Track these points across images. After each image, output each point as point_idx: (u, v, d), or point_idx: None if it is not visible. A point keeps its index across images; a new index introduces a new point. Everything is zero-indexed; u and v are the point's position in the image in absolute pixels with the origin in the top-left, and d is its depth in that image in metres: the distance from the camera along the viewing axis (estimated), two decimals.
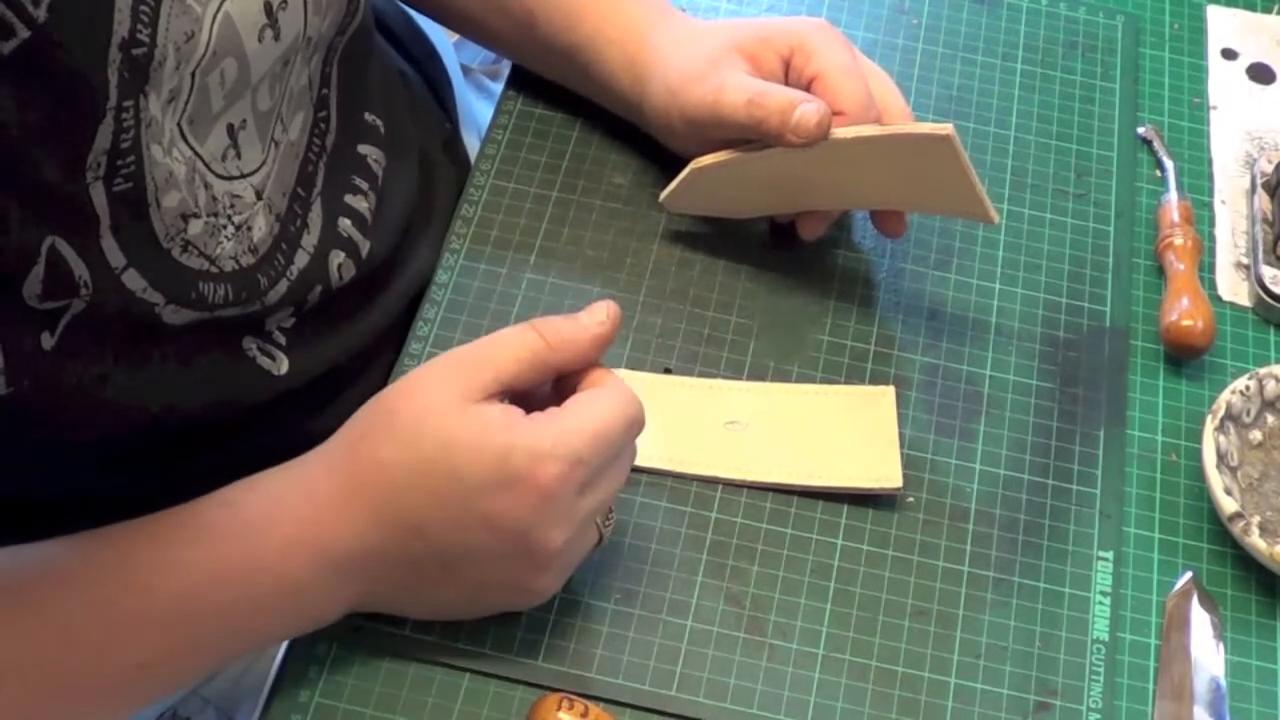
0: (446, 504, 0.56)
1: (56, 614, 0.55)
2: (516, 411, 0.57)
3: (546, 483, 0.55)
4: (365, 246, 0.69)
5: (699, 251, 0.76)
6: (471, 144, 0.90)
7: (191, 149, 0.57)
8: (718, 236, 0.76)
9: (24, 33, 0.46)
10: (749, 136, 0.69)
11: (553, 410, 0.57)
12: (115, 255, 0.53)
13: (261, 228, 0.62)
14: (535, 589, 0.59)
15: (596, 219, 0.76)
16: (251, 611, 0.57)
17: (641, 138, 0.77)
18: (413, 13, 0.89)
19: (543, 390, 0.60)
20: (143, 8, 0.51)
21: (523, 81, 0.81)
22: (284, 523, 0.57)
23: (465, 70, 1.05)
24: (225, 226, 0.59)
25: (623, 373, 0.70)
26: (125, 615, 0.56)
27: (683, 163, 0.73)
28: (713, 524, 0.66)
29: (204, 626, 0.57)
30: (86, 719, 0.57)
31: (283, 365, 0.65)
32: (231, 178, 0.60)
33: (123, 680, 0.56)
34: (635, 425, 0.58)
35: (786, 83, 0.71)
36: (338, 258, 0.67)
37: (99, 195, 0.51)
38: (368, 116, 0.72)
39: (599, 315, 0.59)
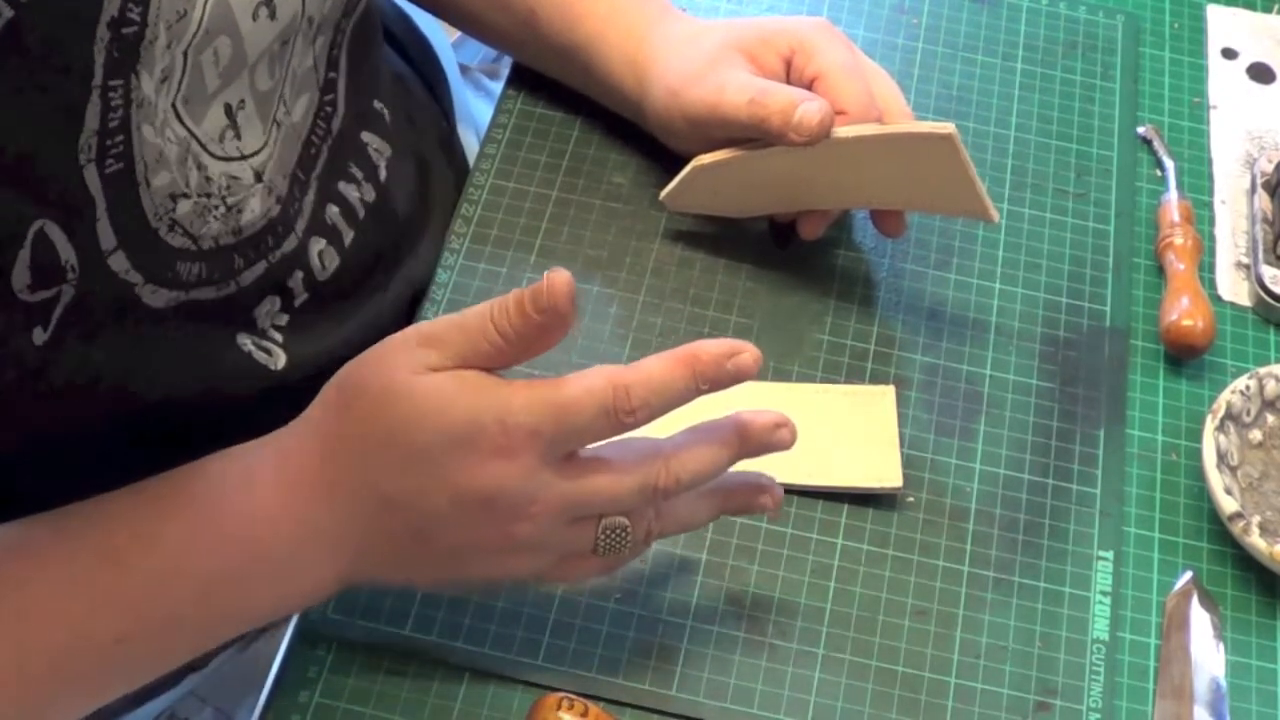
0: (411, 473, 0.55)
1: (35, 589, 0.54)
2: (476, 378, 0.55)
3: (503, 446, 0.54)
4: (349, 236, 0.68)
5: (699, 251, 0.76)
6: (470, 143, 0.90)
7: (187, 129, 0.56)
8: (718, 236, 0.76)
9: (8, 12, 0.46)
10: (751, 135, 0.69)
11: (523, 381, 0.55)
12: (107, 238, 0.53)
13: (254, 210, 0.61)
14: (512, 565, 0.58)
15: (596, 218, 0.76)
16: (230, 583, 0.57)
17: (641, 137, 0.77)
18: (411, 12, 0.89)
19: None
20: None
21: (522, 80, 0.81)
22: (258, 494, 0.57)
23: (463, 69, 1.05)
24: (217, 207, 0.59)
25: None
26: (102, 589, 0.55)
27: (683, 162, 0.73)
28: (712, 524, 0.66)
29: (182, 599, 0.56)
30: (69, 696, 0.57)
31: (279, 360, 0.65)
32: (230, 159, 0.59)
33: (103, 656, 0.56)
34: (607, 409, 0.54)
35: (788, 82, 0.71)
36: (318, 244, 0.67)
37: (92, 178, 0.51)
38: (376, 104, 0.71)
39: (540, 303, 0.54)
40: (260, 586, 0.57)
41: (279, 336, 0.65)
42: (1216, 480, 0.66)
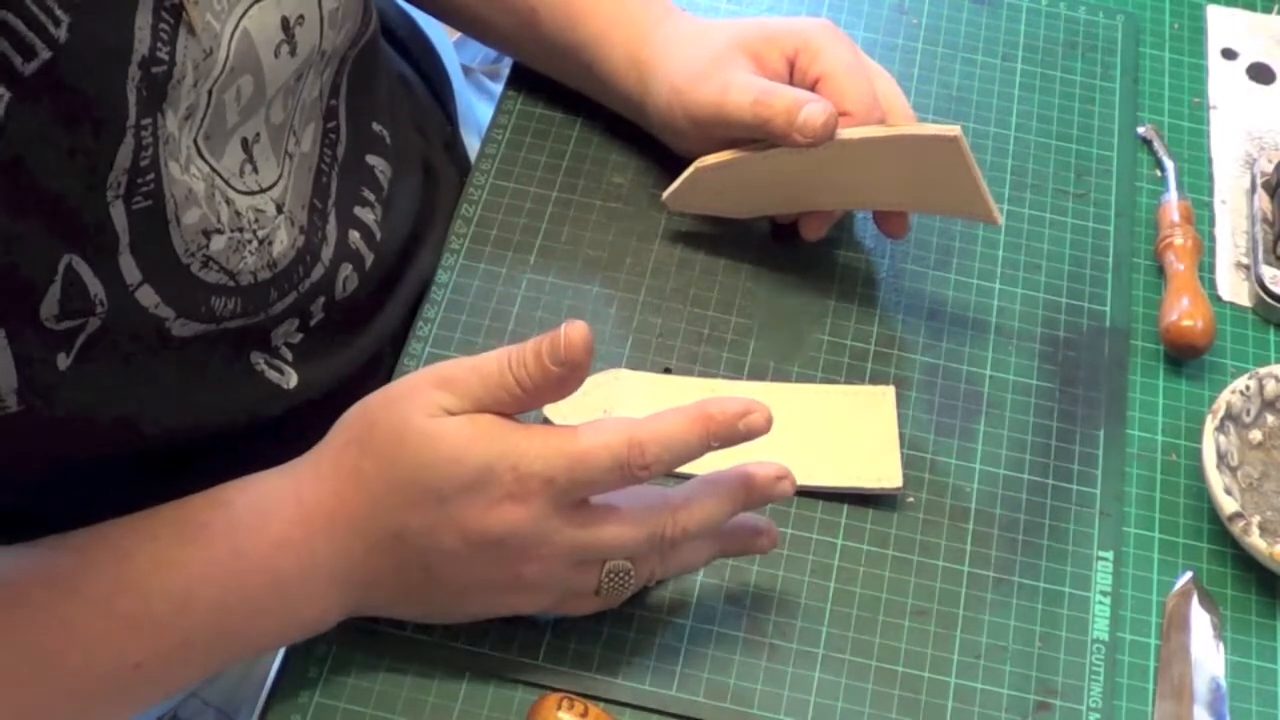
0: (424, 513, 0.56)
1: (55, 613, 0.55)
2: (491, 424, 0.56)
3: (515, 492, 0.55)
4: (370, 259, 0.69)
5: (699, 251, 0.76)
6: (471, 144, 0.90)
7: (209, 165, 0.57)
8: (718, 236, 0.76)
9: (45, 53, 0.46)
10: (754, 136, 0.69)
11: (539, 428, 0.56)
12: (131, 272, 0.53)
13: (283, 241, 0.62)
14: (516, 603, 0.59)
15: (596, 219, 0.76)
16: (243, 612, 0.57)
17: (642, 137, 0.77)
18: (414, 13, 0.89)
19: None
20: (163, 26, 0.51)
21: (523, 81, 0.81)
22: (274, 524, 0.57)
23: (465, 70, 1.05)
24: (250, 241, 0.59)
25: (623, 373, 0.70)
26: (122, 614, 0.56)
27: (683, 162, 0.73)
28: None
29: (197, 626, 0.57)
30: (87, 717, 0.57)
31: (291, 379, 0.65)
32: (252, 192, 0.60)
33: (118, 680, 0.56)
34: (621, 464, 0.55)
35: (791, 83, 0.70)
36: (345, 270, 0.67)
37: (119, 214, 0.52)
38: (375, 126, 0.72)
39: (558, 356, 0.55)
40: (270, 615, 0.58)
41: (289, 355, 0.65)
42: (1216, 480, 0.66)
